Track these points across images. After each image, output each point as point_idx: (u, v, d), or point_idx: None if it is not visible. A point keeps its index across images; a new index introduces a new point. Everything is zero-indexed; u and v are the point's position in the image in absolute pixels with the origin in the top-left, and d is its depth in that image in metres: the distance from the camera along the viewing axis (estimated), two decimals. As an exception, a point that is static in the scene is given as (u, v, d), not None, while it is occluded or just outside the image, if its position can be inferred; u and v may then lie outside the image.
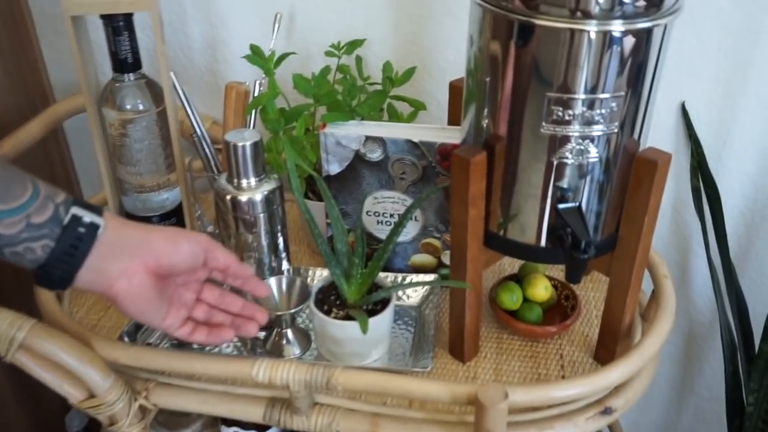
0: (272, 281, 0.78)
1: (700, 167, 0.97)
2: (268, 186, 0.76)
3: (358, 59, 0.92)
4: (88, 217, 0.54)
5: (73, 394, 0.69)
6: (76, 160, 1.20)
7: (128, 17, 0.79)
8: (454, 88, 0.81)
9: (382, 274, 0.78)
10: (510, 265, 0.93)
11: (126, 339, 0.76)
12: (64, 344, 0.67)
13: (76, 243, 0.54)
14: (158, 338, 0.78)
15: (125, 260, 0.57)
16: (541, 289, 0.81)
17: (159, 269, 0.59)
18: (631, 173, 0.66)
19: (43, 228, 0.53)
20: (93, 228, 0.54)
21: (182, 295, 0.64)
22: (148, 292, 0.58)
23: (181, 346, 0.79)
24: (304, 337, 0.80)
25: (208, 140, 0.90)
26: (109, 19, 0.78)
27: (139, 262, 0.57)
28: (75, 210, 0.54)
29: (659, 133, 0.96)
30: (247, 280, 0.66)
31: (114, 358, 0.70)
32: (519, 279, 0.84)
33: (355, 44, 0.90)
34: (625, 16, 0.57)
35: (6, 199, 0.51)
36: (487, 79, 0.64)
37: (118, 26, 0.78)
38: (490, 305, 0.83)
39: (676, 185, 1.01)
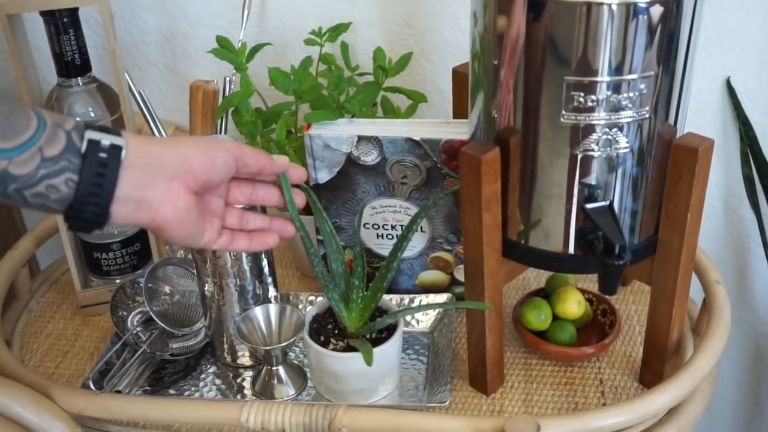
0: (257, 312, 0.82)
1: (752, 153, 1.01)
2: (248, 200, 0.79)
3: (344, 46, 0.96)
4: (106, 139, 0.56)
5: (32, 455, 0.73)
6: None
7: (73, 12, 0.83)
8: (459, 74, 0.85)
9: (386, 297, 0.82)
10: (536, 278, 0.97)
11: (92, 386, 0.79)
12: (20, 396, 0.71)
13: (101, 171, 0.55)
14: (128, 385, 0.81)
15: (163, 184, 0.59)
16: (573, 305, 0.85)
17: (198, 187, 0.62)
18: (669, 164, 0.70)
19: (60, 160, 0.54)
20: (116, 151, 0.56)
21: (211, 203, 0.67)
22: (193, 214, 0.62)
23: (155, 391, 0.82)
24: (299, 375, 0.83)
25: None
26: (50, 16, 0.82)
27: (179, 183, 0.60)
28: (90, 134, 0.55)
29: (701, 116, 1.01)
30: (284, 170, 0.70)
31: (79, 409, 0.73)
32: (547, 294, 0.88)
33: (339, 29, 0.94)
34: (650, -15, 0.61)
35: (10, 135, 0.53)
36: (495, 63, 0.68)
37: (62, 23, 0.82)
38: (514, 326, 0.86)
39: (725, 176, 1.05)
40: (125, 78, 0.87)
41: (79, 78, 0.85)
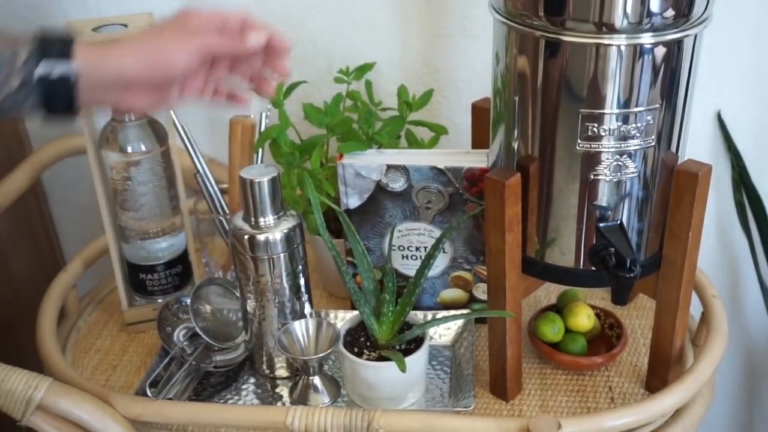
0: (296, 326, 0.86)
1: (742, 181, 1.07)
2: (288, 224, 0.84)
3: (368, 84, 1.02)
4: (57, 70, 0.60)
5: (94, 456, 0.77)
6: (54, 212, 1.29)
7: (129, 54, 0.88)
8: (478, 109, 0.91)
9: (412, 312, 0.87)
10: (546, 296, 1.02)
11: (148, 392, 0.84)
12: (84, 402, 0.76)
13: (59, 94, 0.61)
14: (177, 394, 0.86)
15: (119, 91, 0.63)
16: (584, 318, 0.90)
17: (159, 85, 0.65)
18: (672, 187, 0.75)
19: (21, 92, 0.60)
20: (66, 81, 0.60)
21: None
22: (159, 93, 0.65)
23: (201, 400, 0.87)
24: (333, 385, 0.88)
25: (212, 180, 0.99)
26: (108, 57, 0.87)
27: (137, 90, 0.64)
28: (40, 70, 0.59)
29: (696, 146, 1.06)
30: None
31: (137, 414, 0.77)
32: (558, 309, 0.93)
33: (364, 68, 1.00)
34: (654, 29, 0.67)
35: None
36: (516, 98, 0.74)
37: (119, 64, 0.88)
38: (529, 339, 0.91)
39: (717, 201, 1.11)
40: (171, 115, 0.92)
41: (131, 113, 0.91)
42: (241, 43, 0.66)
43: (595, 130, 0.71)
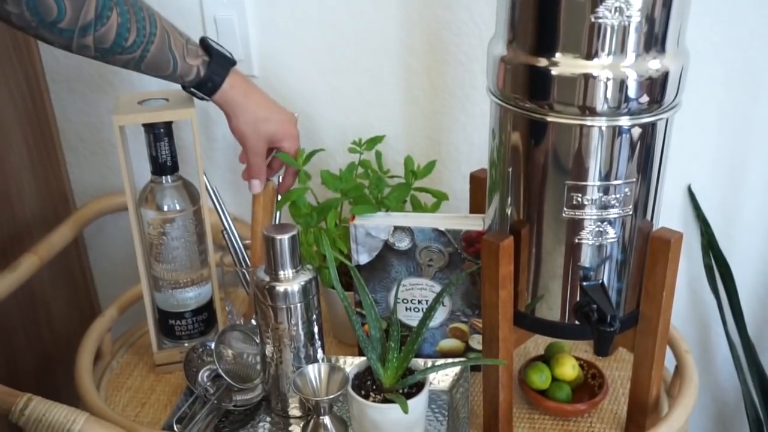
0: (310, 369, 0.87)
1: (710, 246, 1.09)
2: (305, 277, 0.86)
3: (378, 154, 1.05)
4: (213, 80, 0.87)
5: (123, 485, 0.77)
6: (92, 263, 1.31)
7: (168, 125, 0.92)
8: (475, 178, 0.94)
9: (414, 359, 0.88)
10: (535, 347, 1.03)
11: (175, 428, 0.84)
12: (117, 436, 0.76)
13: (204, 90, 0.88)
14: (202, 430, 0.86)
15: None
16: (569, 368, 0.91)
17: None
18: (648, 252, 0.77)
19: (186, 81, 0.87)
20: (212, 87, 0.88)
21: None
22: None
23: (223, 428, 0.88)
24: (341, 424, 0.88)
25: (237, 236, 1.01)
26: (150, 128, 0.91)
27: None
28: (205, 78, 0.87)
29: (669, 215, 1.09)
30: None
31: (164, 448, 0.78)
32: (546, 359, 0.94)
33: (375, 140, 1.03)
34: (631, 113, 0.70)
35: (157, 71, 0.84)
36: (510, 170, 0.77)
37: (159, 133, 0.91)
38: (519, 386, 0.92)
39: (689, 265, 1.13)
40: (203, 179, 0.95)
41: (168, 176, 0.93)
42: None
43: (579, 199, 0.73)
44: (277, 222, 1.01)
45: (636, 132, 0.72)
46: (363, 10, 1.04)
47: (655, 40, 0.68)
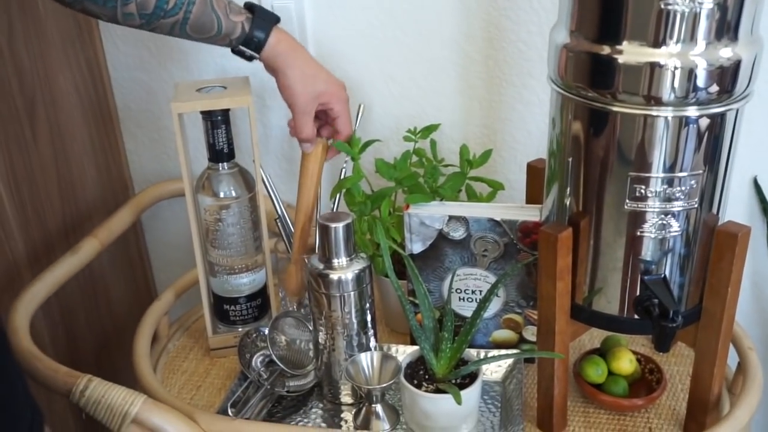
0: (362, 357, 0.87)
1: (776, 240, 1.05)
2: (359, 265, 0.86)
3: (433, 143, 1.03)
4: (252, 45, 0.87)
5: (180, 466, 0.78)
6: (150, 248, 1.33)
7: (225, 112, 0.92)
8: (532, 168, 0.92)
9: (467, 349, 0.87)
10: (590, 340, 1.01)
11: (229, 412, 0.85)
12: (173, 418, 0.77)
13: (250, 46, 0.87)
14: (252, 415, 0.87)
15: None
16: (626, 362, 0.89)
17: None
18: (713, 246, 0.75)
19: (232, 40, 0.87)
20: (258, 43, 0.87)
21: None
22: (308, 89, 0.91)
23: (276, 420, 0.88)
24: (393, 413, 0.88)
25: (291, 224, 1.01)
26: (208, 115, 0.91)
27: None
28: (249, 35, 0.87)
29: (733, 207, 1.05)
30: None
31: (218, 431, 0.79)
32: (602, 353, 0.92)
33: (430, 129, 1.02)
34: (699, 103, 0.68)
35: (201, 32, 0.85)
36: (570, 160, 0.75)
37: (217, 120, 0.91)
38: (575, 379, 0.90)
39: (753, 259, 1.09)
40: (259, 167, 0.95)
41: (225, 163, 0.94)
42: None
43: (642, 191, 0.71)
44: (335, 209, 1.00)
45: (704, 123, 0.69)
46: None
47: (727, 27, 0.66)
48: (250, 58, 0.89)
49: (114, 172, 1.22)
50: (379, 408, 0.87)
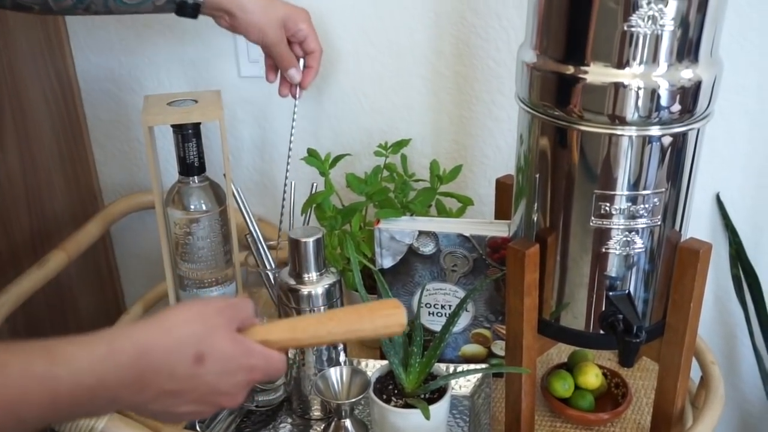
0: (332, 372, 0.87)
1: (738, 256, 1.07)
2: (329, 280, 0.86)
3: (404, 158, 1.04)
4: None
5: (145, 484, 0.78)
6: (119, 260, 1.32)
7: (196, 126, 0.92)
8: (501, 184, 0.93)
9: (437, 364, 0.87)
10: (558, 355, 1.02)
11: (197, 427, 0.85)
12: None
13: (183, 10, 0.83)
14: (223, 429, 0.87)
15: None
16: (592, 377, 0.90)
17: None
18: (675, 262, 0.76)
19: (165, 7, 0.82)
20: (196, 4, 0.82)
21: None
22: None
23: (244, 428, 0.88)
24: (362, 428, 0.88)
25: (261, 238, 1.01)
26: (179, 128, 0.91)
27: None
28: None
29: (696, 223, 1.07)
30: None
31: (186, 447, 0.78)
32: (569, 367, 0.93)
33: (401, 144, 1.03)
34: (662, 122, 0.69)
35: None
36: (537, 176, 0.76)
37: (187, 134, 0.91)
38: (542, 393, 0.91)
39: (716, 274, 1.11)
40: (230, 180, 0.95)
41: (195, 177, 0.94)
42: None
43: (607, 209, 0.72)
44: (306, 224, 1.00)
45: (666, 141, 0.71)
46: (392, 13, 1.04)
47: (688, 49, 0.67)
48: (195, 9, 0.83)
49: (83, 182, 1.21)
50: (348, 423, 0.87)
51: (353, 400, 0.85)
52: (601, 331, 0.77)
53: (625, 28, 0.65)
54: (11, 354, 0.49)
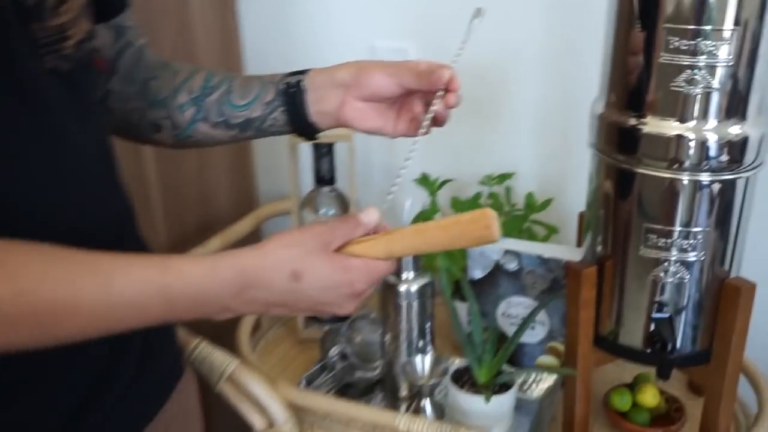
0: (418, 359, 1.02)
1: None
2: (422, 281, 1.01)
3: (507, 189, 1.18)
4: (294, 78, 0.74)
5: (258, 422, 0.96)
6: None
7: (330, 144, 1.11)
8: (582, 216, 1.04)
9: (510, 368, 1.00)
10: (627, 377, 1.10)
11: (304, 384, 1.03)
12: (258, 381, 0.95)
13: (292, 99, 0.74)
14: (324, 392, 1.04)
15: (336, 96, 0.73)
16: (650, 396, 0.98)
17: (366, 97, 0.72)
18: (720, 297, 0.85)
19: (273, 102, 0.75)
20: (298, 82, 0.74)
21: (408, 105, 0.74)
22: (370, 113, 0.73)
23: (343, 395, 1.04)
24: (439, 409, 1.02)
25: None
26: (316, 146, 1.11)
27: (347, 93, 0.73)
28: (287, 79, 0.75)
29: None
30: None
31: (291, 397, 0.96)
32: (631, 387, 1.02)
33: (505, 177, 1.17)
34: (711, 170, 0.79)
35: (246, 96, 0.76)
36: (601, 212, 0.87)
37: (323, 151, 1.11)
38: (603, 408, 1.01)
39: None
40: (354, 192, 1.14)
41: (327, 187, 1.13)
42: (431, 81, 0.70)
43: (658, 241, 0.82)
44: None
45: (716, 187, 0.80)
46: (504, 62, 1.19)
47: (735, 108, 0.77)
48: (300, 102, 0.74)
49: (243, 187, 1.45)
50: (427, 403, 1.02)
51: (432, 383, 0.99)
52: (648, 350, 0.87)
53: (678, 88, 0.76)
54: (131, 264, 0.56)
